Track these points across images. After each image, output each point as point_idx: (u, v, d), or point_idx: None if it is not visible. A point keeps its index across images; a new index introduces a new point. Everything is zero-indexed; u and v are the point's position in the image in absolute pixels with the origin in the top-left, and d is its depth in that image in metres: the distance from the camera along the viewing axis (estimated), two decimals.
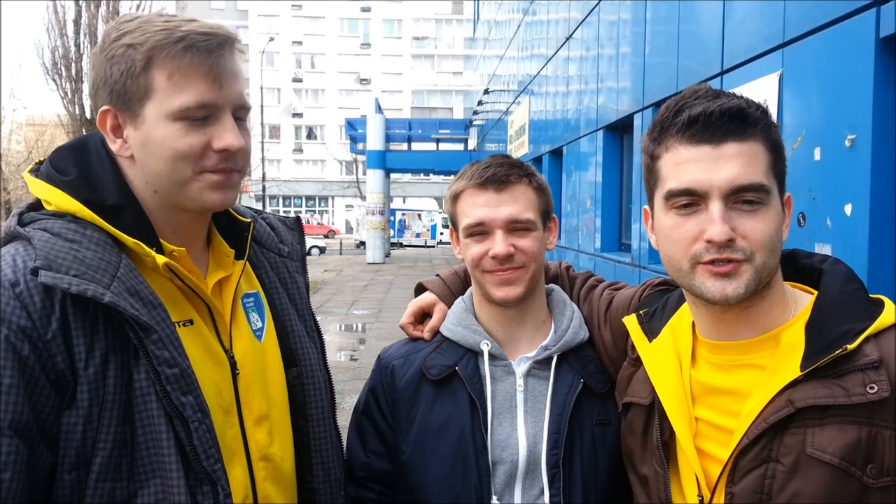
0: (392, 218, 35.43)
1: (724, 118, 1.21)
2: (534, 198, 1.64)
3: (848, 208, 2.88)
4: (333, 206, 61.69)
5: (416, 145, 31.63)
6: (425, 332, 1.79)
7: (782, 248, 1.29)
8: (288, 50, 61.78)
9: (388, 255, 29.27)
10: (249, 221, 1.52)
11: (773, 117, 3.66)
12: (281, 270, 1.59)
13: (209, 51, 1.28)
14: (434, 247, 38.92)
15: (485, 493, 1.57)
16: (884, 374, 1.13)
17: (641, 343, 1.47)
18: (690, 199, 1.23)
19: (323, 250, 32.71)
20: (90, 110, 1.48)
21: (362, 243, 33.48)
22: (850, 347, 1.15)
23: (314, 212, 61.50)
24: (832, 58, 3.06)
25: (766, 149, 1.23)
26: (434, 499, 1.62)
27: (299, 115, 62.61)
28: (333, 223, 57.57)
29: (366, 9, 62.96)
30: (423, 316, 1.85)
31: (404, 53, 63.96)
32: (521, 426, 1.61)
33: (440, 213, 39.93)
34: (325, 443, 1.52)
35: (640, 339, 1.48)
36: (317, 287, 18.28)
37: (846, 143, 2.87)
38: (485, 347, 1.65)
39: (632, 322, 1.52)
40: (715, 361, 1.33)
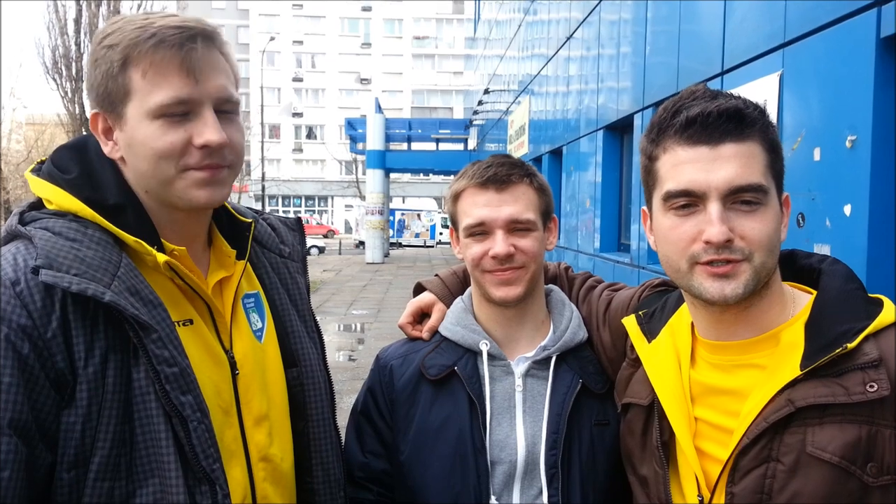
0: (391, 218, 35.39)
1: (721, 119, 1.21)
2: (534, 198, 1.64)
3: (847, 209, 2.88)
4: (333, 206, 61.68)
5: (415, 145, 31.61)
6: (424, 332, 1.78)
7: (781, 248, 1.29)
8: (288, 49, 61.80)
9: (387, 255, 29.26)
10: (250, 222, 1.51)
11: (773, 117, 3.65)
12: (282, 271, 1.59)
13: (179, 45, 1.25)
14: (433, 247, 38.90)
15: (483, 493, 1.57)
16: (883, 373, 1.13)
17: (641, 344, 1.47)
18: (688, 200, 1.23)
19: (322, 250, 32.70)
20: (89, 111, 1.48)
21: (361, 243, 33.45)
22: (850, 346, 1.15)
23: (313, 211, 61.51)
24: (833, 58, 3.06)
25: (764, 149, 1.23)
26: (433, 499, 1.61)
27: (299, 114, 62.63)
28: (333, 223, 57.56)
29: (366, 8, 62.99)
30: (421, 316, 1.85)
31: (405, 53, 63.97)
32: (519, 426, 1.61)
33: (439, 213, 39.92)
34: (325, 443, 1.52)
35: (639, 339, 1.48)
36: (316, 287, 18.27)
37: (847, 143, 2.87)
38: (484, 347, 1.65)
39: (631, 323, 1.52)
40: (714, 361, 1.33)
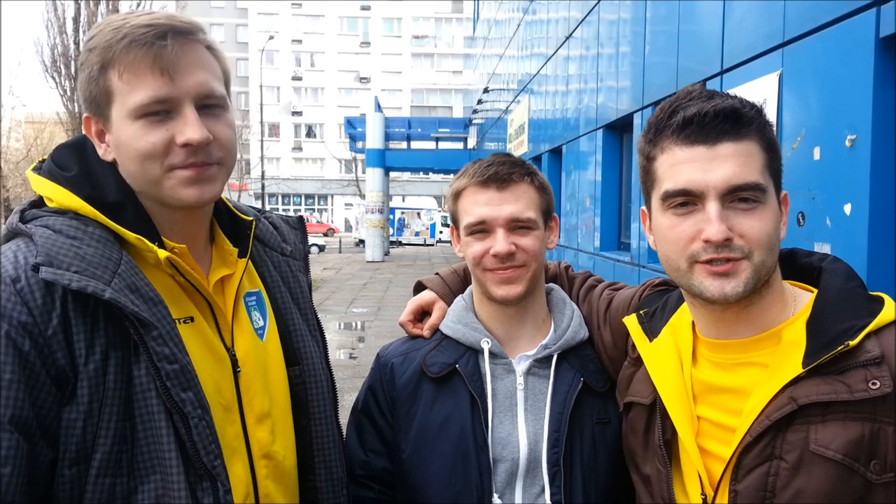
0: (391, 216, 35.41)
1: (718, 118, 1.21)
2: (535, 197, 1.64)
3: (847, 208, 2.89)
4: (333, 205, 61.67)
5: (415, 144, 31.60)
6: (425, 330, 1.78)
7: (781, 247, 1.29)
8: (287, 48, 61.76)
9: (387, 253, 29.25)
10: (252, 220, 1.51)
11: (773, 117, 3.64)
12: (283, 269, 1.59)
13: (150, 43, 1.23)
14: (433, 245, 38.91)
15: (486, 491, 1.57)
16: (885, 370, 1.13)
17: (642, 343, 1.47)
18: (687, 199, 1.23)
19: (322, 248, 32.68)
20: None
21: (361, 242, 33.48)
22: (852, 344, 1.15)
23: (313, 210, 61.52)
24: (832, 57, 3.06)
25: (762, 148, 1.23)
26: (435, 497, 1.61)
27: (299, 113, 62.60)
28: (332, 221, 57.57)
29: (365, 7, 62.94)
30: (422, 314, 1.85)
31: (404, 52, 63.94)
32: (521, 424, 1.61)
33: (439, 211, 39.92)
34: (328, 441, 1.52)
35: (640, 338, 1.48)
36: (316, 285, 18.27)
37: (847, 143, 2.87)
38: (485, 345, 1.65)
39: (632, 322, 1.53)
40: (716, 360, 1.33)
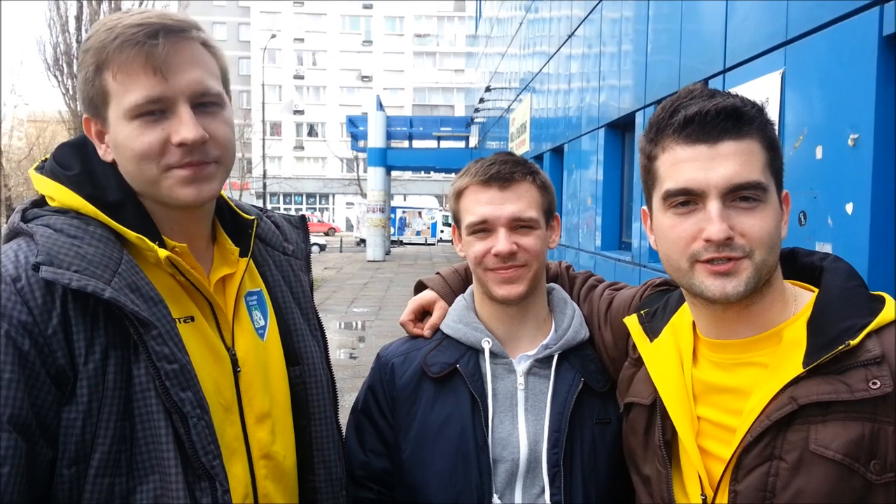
0: (392, 215, 35.40)
1: (719, 117, 1.21)
2: (537, 196, 1.64)
3: (849, 207, 2.88)
4: (334, 204, 61.73)
5: (417, 143, 31.59)
6: (425, 330, 1.78)
7: (782, 246, 1.29)
8: (289, 47, 61.78)
9: (388, 252, 29.25)
10: (253, 219, 1.51)
11: (775, 116, 3.63)
12: (285, 269, 1.58)
13: (141, 42, 1.22)
14: (434, 245, 38.91)
15: (486, 491, 1.57)
16: (886, 370, 1.13)
17: (643, 343, 1.47)
18: (688, 199, 1.23)
19: (323, 248, 32.69)
20: None
21: (362, 241, 33.47)
22: (853, 343, 1.15)
23: (315, 209, 61.51)
24: (834, 56, 3.06)
25: (763, 146, 1.23)
26: (435, 497, 1.61)
27: (300, 112, 62.63)
28: (334, 220, 57.63)
29: (367, 6, 62.96)
30: (423, 314, 1.84)
31: (406, 51, 63.94)
32: (521, 424, 1.61)
33: (441, 210, 39.92)
34: (328, 442, 1.52)
35: (641, 338, 1.48)
36: (317, 285, 18.26)
37: (849, 142, 2.86)
38: (486, 345, 1.65)
39: (633, 322, 1.52)
40: (716, 360, 1.33)
